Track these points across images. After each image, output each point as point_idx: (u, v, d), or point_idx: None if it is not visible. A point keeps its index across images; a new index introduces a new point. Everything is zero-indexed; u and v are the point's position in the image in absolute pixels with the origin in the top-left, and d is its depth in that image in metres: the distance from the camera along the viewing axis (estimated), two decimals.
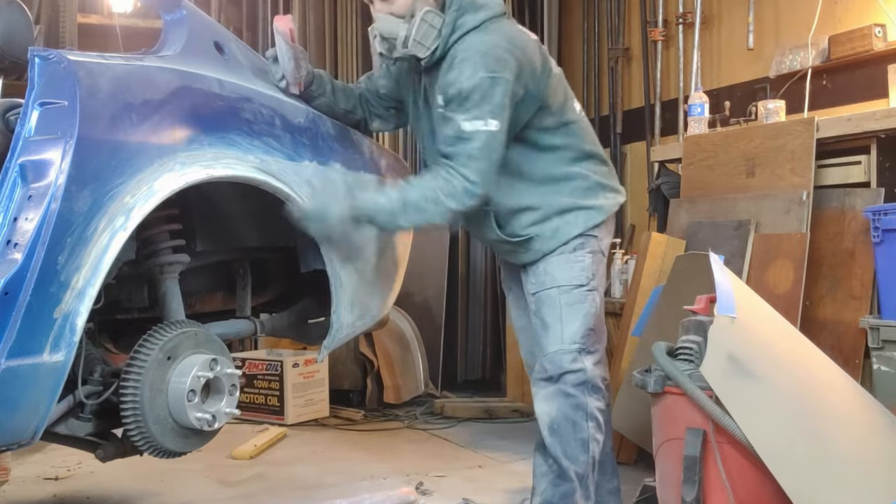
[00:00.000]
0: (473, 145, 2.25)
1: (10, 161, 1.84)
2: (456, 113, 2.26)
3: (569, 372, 2.40)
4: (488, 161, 2.26)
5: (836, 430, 2.23)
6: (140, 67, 2.05)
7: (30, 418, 1.82)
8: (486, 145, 2.25)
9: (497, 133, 2.26)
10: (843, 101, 3.67)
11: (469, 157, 2.25)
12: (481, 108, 2.24)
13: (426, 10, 2.30)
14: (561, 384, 2.40)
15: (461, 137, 2.26)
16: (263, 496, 3.09)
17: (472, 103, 2.24)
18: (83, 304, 1.83)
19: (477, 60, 2.26)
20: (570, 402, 2.40)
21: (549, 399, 2.43)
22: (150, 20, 5.32)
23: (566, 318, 2.42)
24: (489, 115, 2.24)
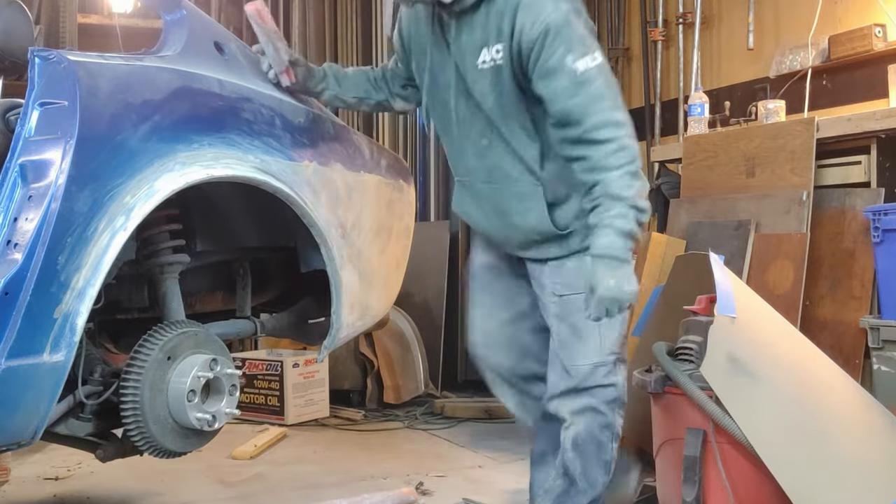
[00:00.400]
0: (597, 85, 1.98)
1: (10, 161, 1.83)
2: (553, 55, 1.97)
3: (601, 386, 2.18)
4: (616, 96, 2.02)
5: (836, 430, 2.23)
6: (140, 67, 2.05)
7: (30, 418, 1.82)
8: (606, 80, 2.00)
9: (606, 66, 2.02)
10: (843, 101, 3.67)
11: (598, 98, 1.98)
12: (582, 41, 1.98)
13: None
14: (591, 398, 2.19)
15: (579, 81, 1.97)
16: (263, 496, 3.09)
17: (567, 38, 1.96)
18: (83, 304, 1.83)
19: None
20: (599, 421, 2.19)
21: (576, 413, 2.20)
22: (150, 20, 5.32)
23: (606, 327, 2.14)
24: (592, 48, 1.99)
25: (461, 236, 5.09)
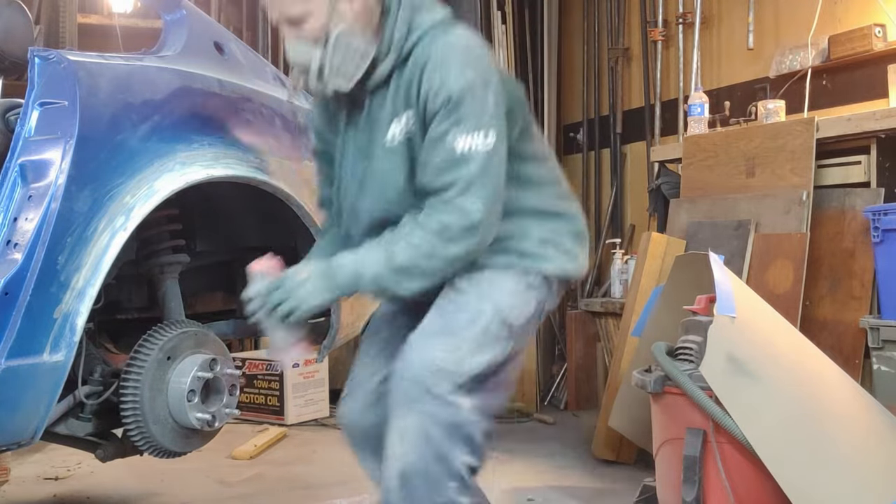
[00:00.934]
0: (471, 168, 1.72)
1: (10, 161, 1.84)
2: (441, 125, 1.74)
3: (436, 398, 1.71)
4: (493, 186, 1.75)
5: (835, 430, 2.23)
6: (140, 67, 2.05)
7: (30, 418, 1.82)
8: (486, 165, 1.74)
9: (498, 147, 1.76)
10: (843, 101, 3.67)
11: (468, 184, 1.72)
12: (478, 117, 1.74)
13: (341, 28, 1.77)
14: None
15: (454, 160, 1.73)
16: (263, 496, 3.09)
17: (465, 112, 1.73)
18: (83, 304, 1.83)
19: (460, 58, 1.76)
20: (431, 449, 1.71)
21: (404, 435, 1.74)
22: (150, 20, 5.32)
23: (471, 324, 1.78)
24: (487, 126, 1.74)
25: None
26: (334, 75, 1.79)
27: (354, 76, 1.80)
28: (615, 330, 4.27)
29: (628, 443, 3.43)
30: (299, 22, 1.78)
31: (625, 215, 5.08)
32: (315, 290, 1.78)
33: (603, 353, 4.55)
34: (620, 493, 3.07)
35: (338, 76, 1.79)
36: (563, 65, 5.56)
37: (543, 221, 1.90)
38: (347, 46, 1.78)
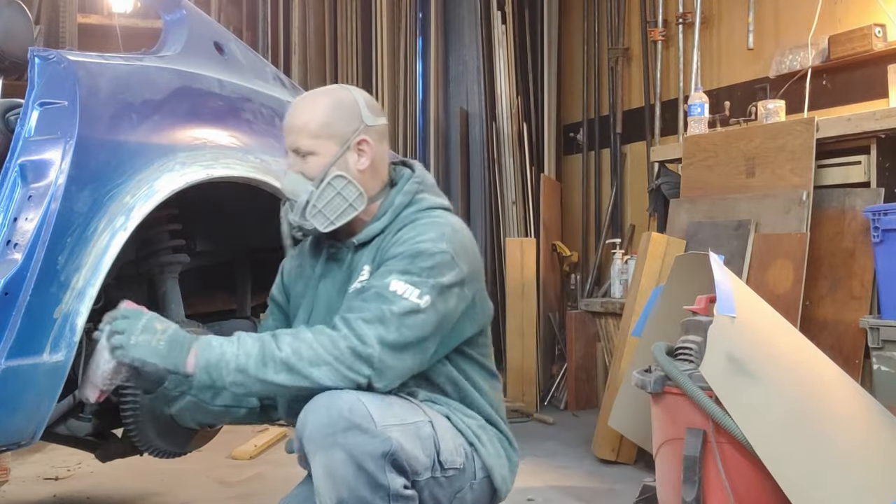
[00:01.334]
0: (392, 308, 1.68)
1: (10, 161, 1.84)
2: (390, 271, 1.73)
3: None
4: (396, 338, 1.68)
5: (835, 430, 2.23)
6: (140, 67, 2.05)
7: (30, 418, 1.82)
8: (407, 316, 1.68)
9: (423, 317, 1.70)
10: (843, 101, 3.67)
11: (379, 319, 1.67)
12: (424, 277, 1.72)
13: (336, 175, 1.82)
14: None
15: (381, 295, 1.70)
16: (263, 496, 3.09)
17: (416, 267, 1.72)
18: (83, 304, 1.83)
19: (446, 231, 1.79)
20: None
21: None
22: (150, 20, 5.33)
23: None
24: (429, 290, 1.71)
25: None
26: (316, 214, 1.82)
27: (334, 223, 1.83)
28: (615, 330, 4.27)
29: (628, 443, 3.43)
30: (306, 155, 1.85)
31: (625, 215, 5.08)
32: (149, 348, 1.69)
33: (603, 353, 4.55)
34: (620, 493, 3.07)
35: (319, 216, 1.83)
36: (563, 65, 5.57)
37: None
38: (338, 192, 1.82)
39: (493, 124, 5.16)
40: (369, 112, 1.89)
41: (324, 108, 1.86)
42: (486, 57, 5.18)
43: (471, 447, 1.83)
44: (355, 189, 1.84)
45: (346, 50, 5.52)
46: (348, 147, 1.85)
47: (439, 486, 1.76)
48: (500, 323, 4.98)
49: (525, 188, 5.17)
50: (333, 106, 1.86)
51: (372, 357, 1.67)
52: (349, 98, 1.89)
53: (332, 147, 1.85)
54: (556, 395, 4.84)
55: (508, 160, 5.15)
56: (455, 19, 5.36)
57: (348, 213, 1.84)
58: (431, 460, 1.73)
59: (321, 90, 1.96)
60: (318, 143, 1.84)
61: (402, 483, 1.66)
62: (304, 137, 1.84)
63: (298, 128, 1.86)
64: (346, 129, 1.85)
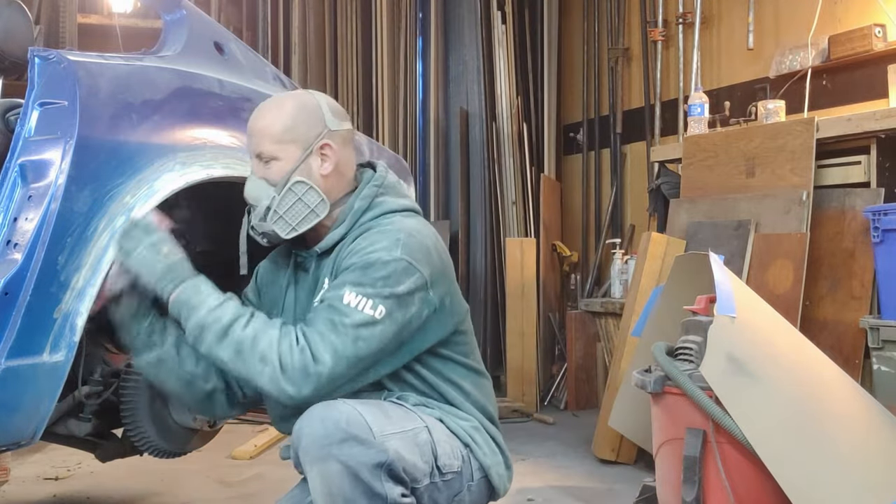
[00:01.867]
0: (344, 320, 1.68)
1: (10, 161, 1.83)
2: (343, 283, 1.72)
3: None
4: (352, 351, 1.67)
5: (835, 430, 2.23)
6: (140, 67, 2.05)
7: (30, 418, 1.82)
8: (361, 328, 1.68)
9: (381, 328, 1.69)
10: (843, 101, 3.67)
11: (331, 330, 1.68)
12: (378, 288, 1.70)
13: (298, 180, 1.81)
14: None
15: (334, 307, 1.70)
16: (263, 496, 3.09)
17: (369, 278, 1.71)
18: (83, 304, 1.82)
19: (400, 237, 1.75)
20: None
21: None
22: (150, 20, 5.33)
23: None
24: (382, 302, 1.69)
25: (461, 236, 5.09)
26: (278, 220, 1.82)
27: (296, 229, 1.82)
28: (615, 330, 4.27)
29: (628, 443, 3.43)
30: (269, 161, 1.83)
31: (625, 215, 5.08)
32: (147, 264, 1.77)
33: (603, 353, 4.55)
34: (620, 493, 3.07)
35: (280, 222, 1.82)
36: (563, 65, 5.57)
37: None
38: (299, 199, 1.81)
39: (493, 124, 5.16)
40: (333, 117, 1.87)
41: (287, 113, 1.84)
42: (486, 57, 5.18)
43: (466, 449, 1.83)
44: (317, 195, 1.82)
45: (346, 50, 5.52)
46: (311, 152, 1.83)
47: (438, 491, 1.76)
48: (500, 323, 4.99)
49: (525, 188, 5.17)
50: (296, 110, 1.85)
51: (321, 376, 1.66)
52: (312, 103, 1.87)
53: (295, 152, 1.83)
54: (556, 395, 4.84)
55: (508, 160, 5.15)
56: (455, 19, 5.36)
57: (310, 220, 1.82)
58: (430, 466, 1.73)
59: (285, 95, 1.95)
60: (281, 147, 1.82)
61: (400, 492, 1.65)
62: (267, 142, 1.83)
63: (260, 131, 1.84)
64: (308, 134, 1.84)
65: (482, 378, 1.95)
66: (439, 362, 1.86)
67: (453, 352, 1.89)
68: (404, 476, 1.66)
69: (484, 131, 5.10)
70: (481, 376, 1.95)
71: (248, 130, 1.87)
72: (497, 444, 1.92)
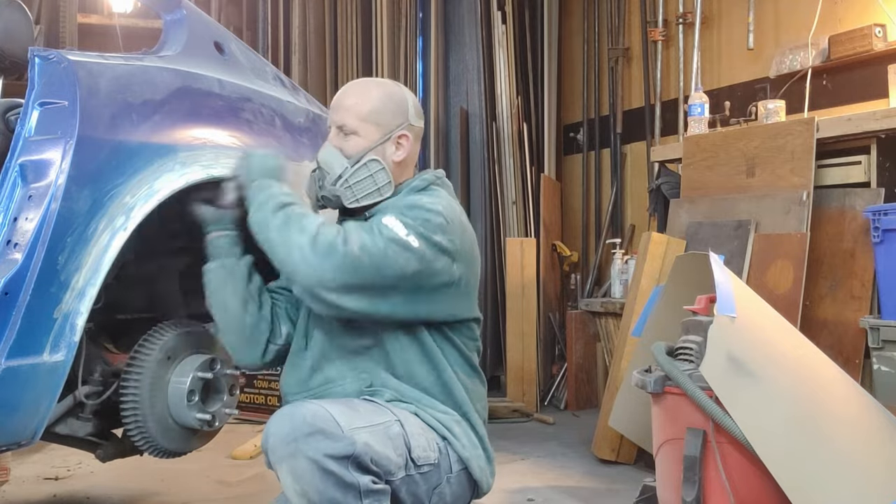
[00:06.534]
0: (382, 230, 1.80)
1: (10, 161, 1.84)
2: (384, 213, 1.87)
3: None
4: (381, 253, 1.77)
5: (835, 430, 2.23)
6: (140, 67, 2.05)
7: (30, 418, 1.82)
8: (392, 242, 1.79)
9: (408, 255, 1.80)
10: (843, 101, 3.67)
11: (368, 232, 1.80)
12: (417, 225, 1.82)
13: (373, 158, 1.95)
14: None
15: (374, 225, 1.83)
16: (263, 496, 3.08)
17: (411, 214, 1.84)
18: (83, 303, 1.83)
19: (444, 203, 1.91)
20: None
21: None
22: (150, 20, 5.32)
23: None
24: (418, 237, 1.81)
25: None
26: (347, 188, 1.94)
27: (360, 201, 1.95)
28: (615, 330, 4.27)
29: (628, 443, 3.43)
30: (349, 134, 1.97)
31: (625, 215, 5.08)
32: (254, 168, 1.97)
33: (603, 353, 4.56)
34: (620, 493, 3.07)
35: (349, 190, 1.94)
36: (563, 65, 5.56)
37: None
38: (371, 175, 1.94)
39: (493, 124, 5.16)
40: (415, 113, 2.02)
41: (377, 96, 1.98)
42: (486, 57, 5.18)
43: (444, 441, 1.86)
44: (386, 176, 1.96)
45: (346, 50, 5.52)
46: (389, 138, 1.97)
47: (415, 484, 1.79)
48: (500, 323, 4.99)
49: (525, 188, 5.17)
50: (386, 97, 1.99)
51: (346, 255, 1.77)
52: (401, 95, 2.02)
53: (375, 133, 1.96)
54: (556, 395, 4.85)
55: (508, 160, 5.15)
56: (455, 19, 5.36)
57: (374, 197, 1.95)
58: (404, 459, 1.76)
59: (377, 80, 2.12)
60: (364, 126, 1.96)
61: (371, 479, 1.67)
62: (352, 117, 1.96)
63: (348, 107, 1.97)
64: (391, 121, 1.98)
65: (477, 377, 2.01)
66: (442, 340, 1.93)
67: (458, 339, 1.95)
68: (374, 468, 1.69)
69: (484, 131, 5.10)
70: (477, 374, 2.01)
71: (335, 104, 2.01)
72: (479, 438, 1.95)
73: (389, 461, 1.72)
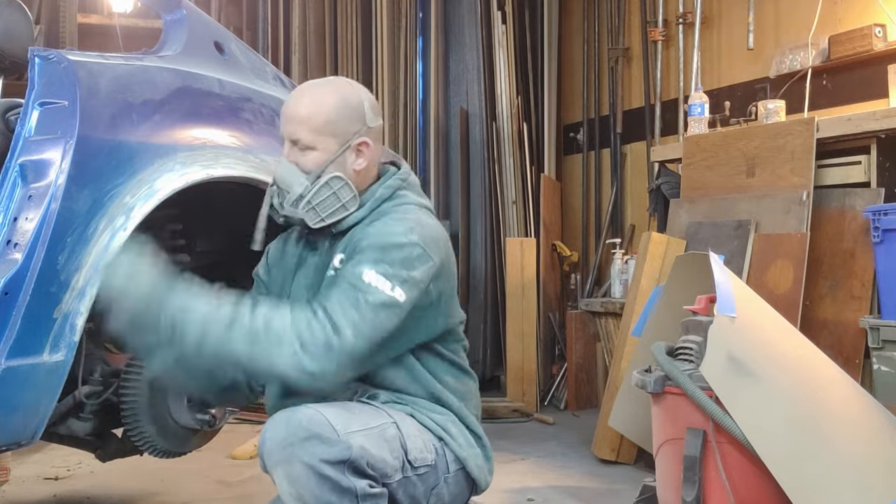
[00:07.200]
0: (367, 297, 1.70)
1: (10, 161, 1.84)
2: (361, 261, 1.74)
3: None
4: (373, 327, 1.69)
5: (835, 430, 2.23)
6: (140, 67, 2.05)
7: (30, 418, 1.82)
8: (380, 308, 1.70)
9: (399, 307, 1.72)
10: (843, 101, 3.67)
11: (353, 305, 1.69)
12: (396, 270, 1.72)
13: (335, 175, 1.83)
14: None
15: (355, 285, 1.71)
16: (263, 496, 3.08)
17: (388, 260, 1.73)
18: (83, 303, 1.83)
19: (414, 226, 1.79)
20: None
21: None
22: (150, 20, 5.32)
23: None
24: (396, 281, 1.72)
25: (461, 236, 5.09)
26: (309, 209, 1.83)
27: (325, 220, 1.84)
28: (615, 330, 4.27)
29: (628, 443, 3.43)
30: (304, 149, 1.85)
31: (625, 215, 5.08)
32: (130, 291, 1.71)
33: (603, 353, 4.55)
34: (620, 493, 3.07)
35: (311, 212, 1.83)
36: (563, 65, 5.56)
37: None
38: (334, 192, 1.83)
39: (493, 124, 5.16)
40: (372, 113, 1.90)
41: (331, 104, 1.85)
42: (486, 57, 5.18)
43: (440, 441, 1.84)
44: (350, 190, 1.85)
45: (346, 50, 5.52)
46: (349, 146, 1.86)
47: (413, 485, 1.77)
48: (500, 323, 4.99)
49: (525, 188, 5.17)
50: (341, 104, 1.86)
51: (343, 350, 1.67)
52: (356, 97, 1.89)
53: (333, 145, 1.85)
54: (556, 395, 4.84)
55: (508, 160, 5.15)
56: (455, 19, 5.36)
57: (339, 213, 1.85)
58: (400, 461, 1.74)
59: (327, 83, 1.94)
60: (321, 139, 1.84)
61: (367, 483, 1.66)
62: (305, 131, 1.84)
63: (301, 119, 1.85)
64: (349, 129, 1.86)
65: (468, 378, 1.97)
66: (430, 356, 1.88)
67: (444, 348, 1.91)
68: (370, 471, 1.67)
69: (484, 131, 5.10)
70: (467, 376, 1.97)
71: (286, 115, 1.87)
72: (476, 436, 1.93)
73: (386, 464, 1.70)
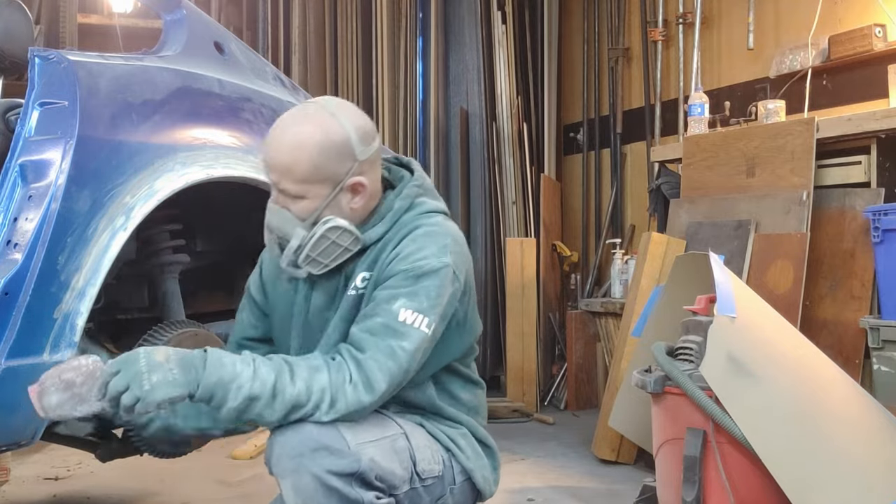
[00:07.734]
0: (403, 344, 1.63)
1: (10, 161, 1.84)
2: (396, 294, 1.65)
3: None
4: (405, 372, 1.66)
5: (835, 430, 2.23)
6: (140, 67, 2.05)
7: (30, 418, 1.82)
8: (416, 350, 1.65)
9: (429, 341, 1.68)
10: (843, 101, 3.67)
11: (389, 357, 1.62)
12: (431, 301, 1.66)
13: (332, 224, 1.69)
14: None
15: (391, 328, 1.63)
16: (263, 496, 3.08)
17: (422, 287, 1.65)
18: (83, 303, 1.83)
19: (448, 243, 1.71)
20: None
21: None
22: (150, 20, 5.32)
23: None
24: (432, 315, 1.66)
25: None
26: (311, 262, 1.72)
27: (331, 265, 1.73)
28: (615, 330, 4.27)
29: (628, 443, 3.43)
30: (294, 197, 1.70)
31: (625, 215, 5.08)
32: (164, 384, 1.52)
33: (603, 353, 4.56)
34: (620, 493, 3.07)
35: (313, 263, 1.72)
36: (563, 65, 5.56)
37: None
38: (333, 241, 1.70)
39: (493, 124, 5.16)
40: (362, 145, 1.72)
41: (313, 149, 1.67)
42: (486, 57, 5.18)
43: (448, 453, 1.81)
44: (350, 234, 1.71)
45: (346, 50, 5.52)
46: (341, 189, 1.71)
47: (419, 497, 1.75)
48: (500, 323, 4.99)
49: (525, 188, 5.17)
50: (325, 145, 1.68)
51: (374, 404, 1.64)
52: (340, 133, 1.70)
53: (323, 190, 1.70)
54: (556, 395, 4.84)
55: (508, 160, 5.15)
56: (455, 19, 5.36)
57: (343, 256, 1.73)
58: (409, 472, 1.71)
59: (306, 119, 1.72)
60: (307, 187, 1.68)
61: (374, 495, 1.64)
62: (290, 182, 1.68)
63: (283, 170, 1.68)
64: (338, 171, 1.70)
65: (477, 387, 1.95)
66: (446, 376, 1.85)
67: (461, 364, 1.88)
68: (378, 483, 1.64)
69: (484, 131, 5.10)
70: (477, 386, 1.95)
71: (267, 161, 1.71)
72: (485, 447, 1.90)
73: (394, 476, 1.67)
